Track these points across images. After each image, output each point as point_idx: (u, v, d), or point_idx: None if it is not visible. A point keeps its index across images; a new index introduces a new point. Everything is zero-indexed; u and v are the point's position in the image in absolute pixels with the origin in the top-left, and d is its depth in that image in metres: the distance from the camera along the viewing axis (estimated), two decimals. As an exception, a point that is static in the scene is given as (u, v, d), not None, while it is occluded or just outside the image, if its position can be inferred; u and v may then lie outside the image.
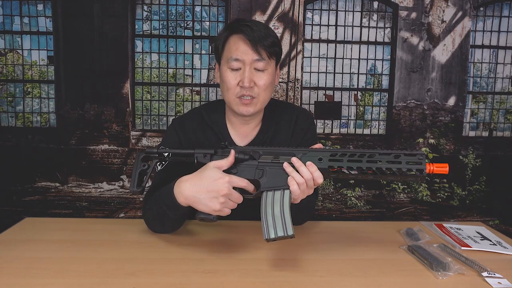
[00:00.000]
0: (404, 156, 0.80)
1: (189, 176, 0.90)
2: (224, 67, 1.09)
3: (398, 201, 3.05)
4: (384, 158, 0.81)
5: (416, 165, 0.79)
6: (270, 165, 0.89)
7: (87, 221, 1.17)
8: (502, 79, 3.08)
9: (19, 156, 2.89)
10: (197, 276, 0.77)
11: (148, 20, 2.91)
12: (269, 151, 0.91)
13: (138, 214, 2.93)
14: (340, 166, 0.84)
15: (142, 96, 2.97)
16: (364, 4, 2.97)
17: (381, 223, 1.17)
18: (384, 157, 0.81)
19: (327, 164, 0.85)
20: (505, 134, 3.14)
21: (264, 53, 1.06)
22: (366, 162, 0.81)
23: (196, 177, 0.88)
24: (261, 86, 1.07)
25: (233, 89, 1.07)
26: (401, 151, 0.81)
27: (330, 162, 0.85)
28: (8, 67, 2.89)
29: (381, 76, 3.05)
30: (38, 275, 0.76)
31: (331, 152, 0.85)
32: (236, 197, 0.87)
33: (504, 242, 0.98)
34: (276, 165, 0.88)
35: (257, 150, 0.91)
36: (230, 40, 1.08)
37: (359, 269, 0.82)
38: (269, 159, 0.90)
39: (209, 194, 0.85)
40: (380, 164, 0.81)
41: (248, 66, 1.06)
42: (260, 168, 0.89)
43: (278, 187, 0.86)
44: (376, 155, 0.81)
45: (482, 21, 3.02)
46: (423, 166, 0.79)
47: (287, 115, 1.22)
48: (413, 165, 0.79)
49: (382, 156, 0.81)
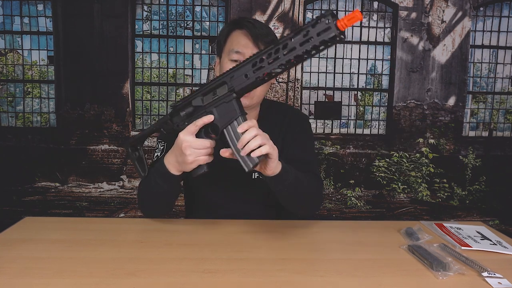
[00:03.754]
0: (312, 29, 0.75)
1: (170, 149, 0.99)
2: (224, 60, 1.12)
3: (398, 201, 3.05)
4: (297, 41, 0.77)
5: (328, 31, 0.73)
6: (214, 103, 0.91)
7: (87, 221, 1.17)
8: (502, 79, 3.08)
9: (19, 156, 2.89)
10: (197, 276, 0.77)
11: (148, 20, 2.91)
12: (203, 91, 0.93)
13: (138, 214, 2.93)
14: (264, 72, 0.83)
15: (142, 96, 2.97)
16: (364, 4, 2.97)
17: (381, 223, 1.17)
18: (296, 40, 0.77)
19: (254, 76, 0.84)
20: (505, 134, 3.14)
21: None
22: (284, 56, 0.79)
23: (172, 147, 0.96)
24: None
25: None
26: (308, 25, 0.76)
27: (255, 74, 0.84)
28: (8, 67, 2.89)
29: (381, 76, 3.05)
30: (38, 275, 0.76)
31: (251, 62, 0.84)
32: (200, 143, 0.90)
33: (504, 242, 0.98)
34: (219, 101, 0.90)
35: (195, 97, 0.93)
36: (233, 35, 1.12)
37: (359, 269, 0.82)
38: (210, 99, 0.91)
39: (179, 153, 0.92)
40: (297, 50, 0.77)
41: None
42: (208, 111, 0.91)
43: (231, 118, 0.89)
44: (288, 43, 0.78)
45: (482, 21, 3.02)
46: (334, 29, 0.72)
47: (280, 115, 1.23)
48: (326, 32, 0.74)
49: (295, 40, 0.77)
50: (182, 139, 0.90)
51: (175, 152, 0.95)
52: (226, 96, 0.89)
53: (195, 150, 0.90)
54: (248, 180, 1.18)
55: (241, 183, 1.17)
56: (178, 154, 0.93)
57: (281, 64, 0.80)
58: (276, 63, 0.81)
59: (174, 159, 0.96)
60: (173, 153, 0.96)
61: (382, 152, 3.04)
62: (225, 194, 1.19)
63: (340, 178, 3.03)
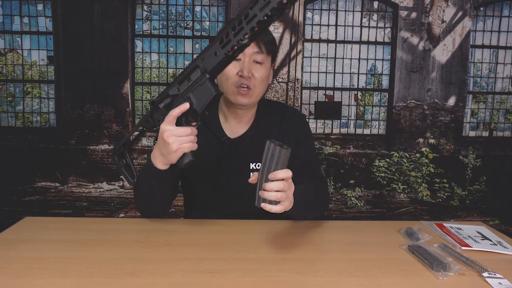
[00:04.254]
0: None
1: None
2: None
3: (398, 201, 3.05)
4: (257, 8, 0.78)
5: None
6: (190, 89, 0.91)
7: (87, 220, 1.17)
8: (502, 79, 3.08)
9: (19, 156, 2.89)
10: (197, 276, 0.77)
11: (148, 20, 2.91)
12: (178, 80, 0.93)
13: (138, 214, 2.92)
14: (232, 45, 0.83)
15: (142, 96, 2.96)
16: (364, 4, 2.97)
17: (381, 223, 1.17)
18: (257, 6, 0.78)
19: (223, 52, 0.85)
20: (505, 134, 3.13)
21: (264, 47, 1.12)
22: (247, 25, 0.80)
23: (157, 141, 0.96)
24: (257, 78, 1.12)
25: (232, 79, 1.11)
26: None
27: (224, 49, 0.85)
28: (8, 67, 2.89)
29: (381, 76, 3.05)
30: (38, 275, 0.76)
31: (219, 40, 0.86)
32: (182, 131, 0.91)
33: (504, 242, 0.98)
34: (194, 86, 0.90)
35: (172, 87, 0.93)
36: None
37: (359, 269, 0.82)
38: (186, 85, 0.92)
39: (162, 145, 0.93)
40: (258, 16, 0.78)
41: (248, 57, 1.11)
42: (186, 98, 0.92)
43: (207, 98, 0.89)
44: (249, 12, 0.79)
45: (482, 21, 3.02)
46: None
47: (278, 114, 1.24)
48: None
49: (254, 8, 0.78)
50: (163, 129, 0.91)
51: (158, 145, 0.95)
52: (200, 79, 0.90)
53: (178, 138, 0.91)
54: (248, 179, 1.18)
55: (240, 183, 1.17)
56: (162, 145, 0.93)
57: (245, 33, 0.81)
58: (241, 34, 0.82)
59: (159, 152, 0.96)
60: (157, 147, 0.97)
61: (382, 152, 3.04)
62: (224, 195, 1.19)
63: (340, 178, 3.03)
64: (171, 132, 0.90)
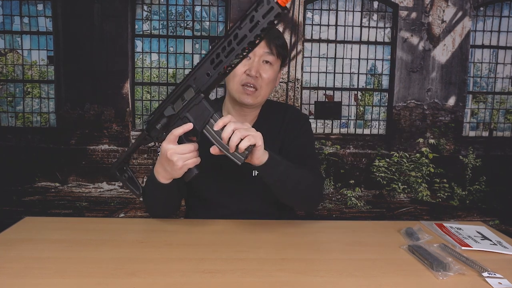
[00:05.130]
0: (256, 13, 0.77)
1: (157, 160, 1.01)
2: None
3: (398, 201, 3.05)
4: (246, 28, 0.79)
5: (272, 11, 0.75)
6: (185, 108, 0.92)
7: (87, 220, 1.17)
8: (502, 79, 3.08)
9: (19, 156, 2.89)
10: (197, 276, 0.77)
11: (148, 20, 2.91)
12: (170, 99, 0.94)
13: (138, 214, 2.93)
14: (225, 65, 0.85)
15: (142, 96, 2.97)
16: (364, 4, 2.97)
17: (381, 223, 1.17)
18: (245, 27, 0.79)
19: (215, 72, 0.86)
20: (505, 134, 3.13)
21: (274, 49, 1.13)
22: (238, 46, 0.81)
23: (158, 158, 0.99)
24: (265, 79, 1.12)
25: (239, 77, 1.12)
26: (251, 10, 0.78)
27: (216, 70, 0.86)
28: (8, 67, 2.89)
29: (381, 76, 3.05)
30: (38, 275, 0.76)
31: (209, 60, 0.86)
32: (184, 148, 0.92)
33: (504, 242, 0.98)
34: (189, 105, 0.91)
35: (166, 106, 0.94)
36: None
37: (359, 269, 0.82)
38: (180, 105, 0.93)
39: (165, 162, 0.94)
40: (249, 37, 0.79)
41: (258, 57, 1.12)
42: (183, 117, 0.93)
43: (206, 118, 0.90)
44: (238, 32, 0.80)
45: (482, 21, 3.02)
46: (277, 7, 0.75)
47: (280, 114, 1.24)
48: (270, 12, 0.75)
49: (243, 28, 0.79)
50: (165, 148, 0.92)
51: (161, 162, 0.97)
52: (195, 98, 0.91)
53: (182, 156, 0.92)
54: (248, 177, 1.18)
55: (241, 180, 1.17)
56: (166, 163, 0.95)
57: (237, 54, 0.82)
58: (233, 54, 0.83)
59: (162, 168, 0.98)
60: (159, 164, 0.98)
61: (382, 152, 3.04)
62: (225, 192, 1.19)
63: (340, 178, 3.03)
64: (174, 150, 0.92)
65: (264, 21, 0.76)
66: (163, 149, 0.93)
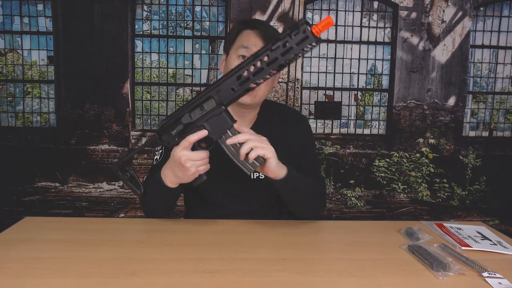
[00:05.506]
0: (291, 39, 0.80)
1: (166, 162, 1.01)
2: (232, 56, 1.15)
3: (398, 201, 3.05)
4: (278, 52, 0.82)
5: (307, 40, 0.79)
6: (204, 118, 0.94)
7: (87, 220, 1.17)
8: (502, 79, 3.08)
9: (19, 156, 2.89)
10: (197, 276, 0.77)
11: (148, 20, 2.91)
12: (189, 107, 0.95)
13: (138, 214, 2.93)
14: (251, 83, 0.87)
15: (142, 96, 2.97)
16: (364, 4, 2.97)
17: (381, 223, 1.17)
18: (278, 50, 0.82)
19: (241, 88, 0.89)
20: (505, 134, 3.13)
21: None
22: (267, 67, 0.84)
23: (168, 161, 1.00)
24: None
25: None
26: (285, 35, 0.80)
27: (242, 86, 0.88)
28: (8, 67, 2.89)
29: (381, 76, 3.05)
30: (38, 275, 0.76)
31: (236, 76, 0.89)
32: (197, 155, 0.94)
33: (504, 242, 0.98)
34: (208, 115, 0.94)
35: (183, 114, 0.96)
36: (243, 33, 1.15)
37: (359, 269, 0.82)
38: (199, 114, 0.95)
39: (178, 167, 0.96)
40: (280, 60, 0.82)
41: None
42: (199, 126, 0.95)
43: (224, 130, 0.94)
44: (269, 53, 0.83)
45: (482, 21, 3.02)
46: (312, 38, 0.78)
47: (280, 115, 1.24)
48: (305, 41, 0.79)
49: (275, 51, 0.82)
50: (180, 154, 0.93)
51: (172, 167, 0.98)
52: (215, 109, 0.93)
53: (195, 162, 0.94)
54: (248, 180, 1.18)
55: (241, 182, 1.17)
56: (178, 169, 0.96)
57: (264, 75, 0.85)
58: (261, 74, 0.85)
59: (172, 173, 0.99)
60: (169, 169, 0.99)
61: (382, 152, 3.04)
62: (225, 193, 1.19)
63: (340, 178, 3.03)
64: (188, 157, 0.93)
65: (297, 48, 0.80)
66: (177, 155, 0.94)
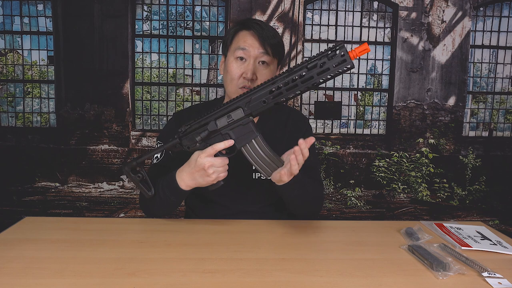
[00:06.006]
0: (329, 61, 0.82)
1: (183, 166, 1.02)
2: (230, 58, 1.15)
3: (398, 201, 3.05)
4: (314, 72, 0.84)
5: (344, 63, 0.81)
6: (230, 126, 0.96)
7: (87, 220, 1.17)
8: (502, 79, 3.08)
9: (19, 156, 2.89)
10: (197, 276, 0.77)
11: (148, 20, 2.91)
12: (215, 115, 0.97)
13: (138, 214, 2.93)
14: (283, 98, 0.90)
15: (142, 96, 2.97)
16: (364, 4, 2.97)
17: (381, 223, 1.17)
18: (314, 70, 0.84)
19: (272, 102, 0.91)
20: (505, 134, 3.14)
21: (269, 49, 1.12)
22: (302, 84, 0.86)
23: (187, 165, 1.01)
24: (261, 80, 1.11)
25: (236, 80, 1.13)
26: (323, 56, 0.83)
27: (274, 100, 0.91)
28: (8, 67, 2.89)
29: (381, 76, 3.05)
30: (38, 275, 0.76)
31: (269, 89, 0.91)
32: (220, 162, 0.96)
33: (504, 242, 0.98)
34: (234, 124, 0.96)
35: (209, 121, 0.98)
36: (240, 34, 1.15)
37: (359, 269, 0.82)
38: (225, 122, 0.96)
39: (199, 173, 0.97)
40: (315, 79, 0.84)
41: (253, 59, 1.12)
42: (224, 134, 0.97)
43: (249, 139, 0.96)
44: (305, 71, 0.85)
45: (482, 21, 3.02)
46: (349, 61, 0.81)
47: (282, 116, 1.25)
48: (342, 64, 0.82)
49: (312, 71, 0.84)
50: (204, 160, 0.96)
51: (191, 172, 0.99)
52: (243, 119, 0.96)
53: (217, 169, 0.97)
54: (249, 179, 1.18)
55: (242, 182, 1.17)
56: (198, 174, 0.98)
57: (298, 91, 0.88)
58: (294, 90, 0.88)
59: (190, 178, 1.00)
60: (188, 173, 1.00)
61: (382, 152, 3.04)
62: (225, 193, 1.19)
63: (340, 178, 3.03)
64: (212, 163, 0.96)
65: (334, 69, 0.82)
66: (201, 161, 0.95)
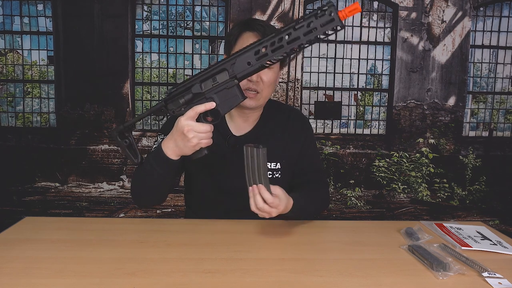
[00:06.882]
0: (316, 20, 0.78)
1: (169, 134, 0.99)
2: None
3: (398, 201, 3.05)
4: (301, 32, 0.80)
5: (331, 22, 0.77)
6: (215, 89, 0.93)
7: (87, 220, 1.17)
8: (502, 79, 3.08)
9: (19, 156, 2.89)
10: (197, 276, 0.77)
11: (148, 20, 2.91)
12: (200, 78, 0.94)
13: (138, 214, 2.93)
14: (268, 60, 0.85)
15: (142, 96, 2.97)
16: (364, 4, 2.97)
17: (381, 223, 1.17)
18: (301, 30, 0.80)
19: (257, 63, 0.87)
20: (505, 134, 3.13)
21: None
22: (287, 45, 0.82)
23: (171, 131, 0.97)
24: (266, 82, 1.11)
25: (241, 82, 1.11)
26: (311, 16, 0.79)
27: (258, 61, 0.87)
28: (8, 67, 2.89)
29: (381, 76, 3.05)
30: (38, 275, 0.76)
31: (254, 50, 0.87)
32: (202, 127, 0.92)
33: (504, 242, 0.98)
34: (219, 87, 0.92)
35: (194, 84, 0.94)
36: (243, 36, 1.14)
37: (359, 269, 0.82)
38: (210, 85, 0.93)
39: (180, 137, 0.93)
40: (301, 39, 0.81)
41: None
42: (209, 98, 0.93)
43: (234, 103, 0.92)
44: (291, 32, 0.81)
45: (482, 21, 3.02)
46: (337, 20, 0.77)
47: (283, 116, 1.25)
48: (329, 23, 0.78)
49: (298, 30, 0.80)
50: (183, 123, 0.92)
51: (174, 137, 0.95)
52: (227, 82, 0.91)
53: (198, 134, 0.92)
54: None
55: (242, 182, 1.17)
56: (179, 138, 0.94)
57: (284, 52, 0.83)
58: (280, 51, 0.83)
59: (174, 143, 0.96)
60: (172, 138, 0.97)
61: (382, 152, 3.04)
62: (225, 192, 1.19)
63: (340, 178, 3.03)
64: (192, 127, 0.91)
65: (321, 29, 0.78)
66: (181, 124, 0.92)
